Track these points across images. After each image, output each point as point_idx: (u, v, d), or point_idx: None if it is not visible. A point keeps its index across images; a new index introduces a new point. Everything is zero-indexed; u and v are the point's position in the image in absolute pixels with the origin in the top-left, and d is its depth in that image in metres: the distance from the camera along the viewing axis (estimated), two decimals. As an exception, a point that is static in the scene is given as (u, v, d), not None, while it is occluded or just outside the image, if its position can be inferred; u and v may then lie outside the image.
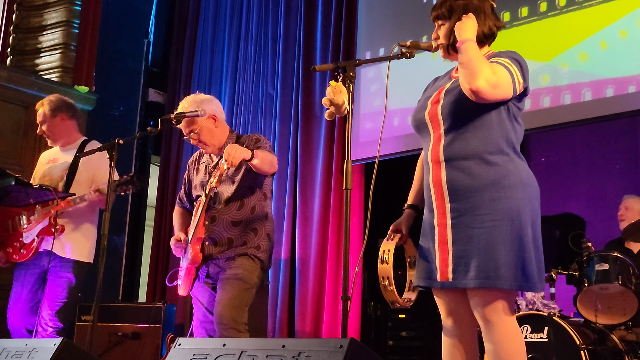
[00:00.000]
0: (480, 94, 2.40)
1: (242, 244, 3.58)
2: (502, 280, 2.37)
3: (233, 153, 3.31)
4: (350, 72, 2.62)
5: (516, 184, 2.46)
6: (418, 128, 2.69)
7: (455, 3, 2.64)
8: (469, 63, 2.44)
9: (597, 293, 4.18)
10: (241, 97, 6.79)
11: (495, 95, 2.43)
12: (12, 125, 6.00)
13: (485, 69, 2.41)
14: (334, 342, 1.92)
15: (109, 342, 5.41)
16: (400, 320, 6.50)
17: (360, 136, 5.86)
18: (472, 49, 2.48)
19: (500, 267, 2.37)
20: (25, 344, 3.03)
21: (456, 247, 2.46)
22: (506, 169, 2.47)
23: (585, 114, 4.73)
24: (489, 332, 2.44)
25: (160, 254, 6.96)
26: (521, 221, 2.42)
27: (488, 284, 2.39)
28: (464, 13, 2.59)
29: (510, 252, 2.39)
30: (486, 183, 2.45)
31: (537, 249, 2.45)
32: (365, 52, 5.95)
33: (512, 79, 2.46)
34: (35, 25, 6.84)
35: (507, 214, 2.41)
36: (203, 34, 7.37)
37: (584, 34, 4.77)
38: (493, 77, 2.41)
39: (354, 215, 5.62)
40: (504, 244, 2.39)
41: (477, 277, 2.39)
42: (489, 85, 2.39)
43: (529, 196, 2.48)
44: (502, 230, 2.40)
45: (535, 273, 2.42)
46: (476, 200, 2.45)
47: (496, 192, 2.44)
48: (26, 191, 4.06)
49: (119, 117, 7.02)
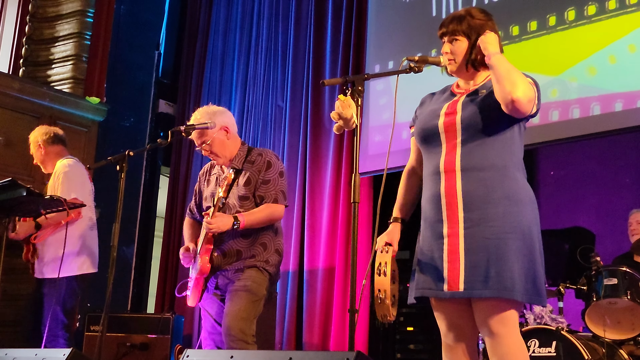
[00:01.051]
0: (517, 104, 2.44)
1: (250, 256, 3.59)
2: (516, 292, 2.39)
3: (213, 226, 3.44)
4: (358, 86, 2.63)
5: (526, 199, 2.51)
6: (426, 139, 2.69)
7: (473, 21, 2.67)
8: (508, 74, 2.47)
9: (606, 307, 4.17)
10: (251, 109, 6.83)
11: (527, 109, 2.48)
12: (24, 136, 5.99)
13: (524, 81, 2.48)
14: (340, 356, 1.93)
15: (117, 353, 5.42)
16: (408, 333, 6.48)
17: (369, 149, 5.88)
18: (506, 60, 2.53)
19: (515, 278, 2.39)
20: (35, 353, 3.05)
21: (468, 257, 2.46)
22: (518, 185, 2.52)
23: (594, 128, 4.73)
24: (495, 346, 2.44)
25: (169, 265, 6.98)
26: (532, 236, 2.47)
27: (504, 294, 2.39)
28: (481, 32, 2.62)
29: (524, 265, 2.42)
30: (501, 196, 2.48)
31: (543, 266, 2.49)
32: (374, 66, 5.98)
33: (535, 98, 2.52)
34: (47, 36, 6.90)
35: (520, 228, 2.45)
36: (213, 46, 7.41)
37: (592, 48, 4.78)
38: (528, 91, 2.47)
39: (362, 228, 5.62)
40: (517, 257, 2.42)
41: (494, 287, 2.40)
42: (526, 98, 2.45)
43: (536, 213, 2.53)
44: (516, 243, 2.43)
45: (543, 287, 2.45)
46: (491, 211, 2.47)
47: (509, 206, 2.47)
48: (37, 202, 4.08)
49: (129, 128, 7.06)
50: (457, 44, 2.69)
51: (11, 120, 5.98)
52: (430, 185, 2.66)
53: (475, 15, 2.68)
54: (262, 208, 3.58)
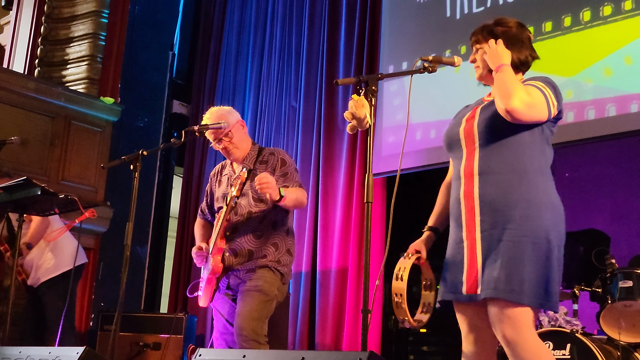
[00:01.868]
0: (514, 114, 2.45)
1: (262, 256, 3.59)
2: (524, 295, 2.38)
3: (266, 182, 3.34)
4: (372, 86, 2.63)
5: (546, 204, 2.49)
6: (450, 145, 2.73)
7: (495, 29, 2.71)
8: (503, 84, 2.50)
9: (621, 310, 4.13)
10: (264, 110, 6.83)
11: (530, 116, 2.48)
12: (39, 136, 6.08)
13: (520, 90, 2.48)
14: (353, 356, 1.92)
15: (130, 352, 5.44)
16: (422, 334, 6.47)
17: (382, 150, 5.86)
18: (507, 72, 2.55)
19: (524, 282, 2.39)
20: (48, 352, 3.07)
21: (485, 260, 2.48)
22: (537, 189, 2.51)
23: (610, 129, 4.70)
24: (511, 354, 2.43)
25: (183, 265, 6.99)
26: (549, 240, 2.45)
27: (511, 298, 2.39)
28: (506, 40, 2.65)
29: (536, 270, 2.41)
30: (517, 199, 2.48)
31: (560, 271, 2.47)
32: (388, 66, 5.96)
33: (547, 102, 2.51)
34: (62, 37, 6.94)
35: (536, 232, 2.44)
36: (227, 47, 7.43)
37: (608, 49, 4.74)
38: (527, 97, 2.47)
39: (375, 229, 5.61)
40: (530, 261, 2.41)
41: (502, 289, 2.40)
42: (524, 105, 2.45)
43: (557, 218, 2.51)
44: (530, 247, 2.42)
45: (557, 293, 2.44)
46: (506, 214, 2.48)
47: (526, 210, 2.47)
48: (51, 200, 4.11)
49: (143, 128, 7.09)
50: (480, 52, 2.72)
51: (26, 120, 6.02)
52: (453, 190, 2.70)
53: (501, 23, 2.72)
54: (295, 189, 3.57)
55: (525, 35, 2.71)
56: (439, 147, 5.54)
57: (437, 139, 5.54)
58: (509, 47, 2.64)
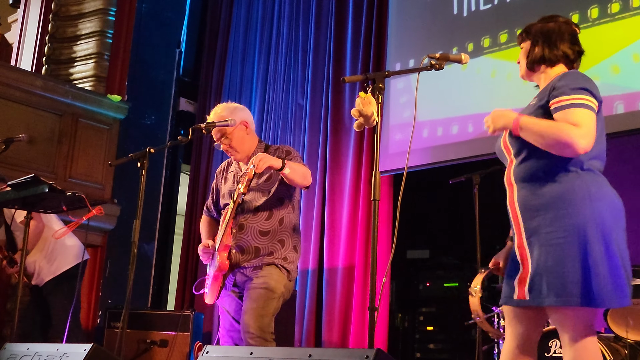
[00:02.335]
0: (580, 150, 2.42)
1: (269, 253, 3.59)
2: (568, 297, 2.38)
3: (260, 157, 3.34)
4: (379, 84, 2.63)
5: (583, 199, 2.46)
6: (500, 156, 2.76)
7: (533, 26, 2.77)
8: (542, 137, 2.47)
9: (629, 308, 4.12)
10: (271, 107, 6.83)
11: (590, 139, 2.44)
12: (47, 133, 6.09)
13: (562, 128, 2.43)
14: (360, 353, 1.92)
15: (137, 349, 5.45)
16: (428, 332, 6.47)
17: (389, 147, 5.86)
18: (527, 124, 2.52)
19: (567, 284, 2.39)
20: (56, 348, 3.08)
21: (532, 265, 2.50)
22: (571, 185, 2.48)
23: (618, 126, 4.68)
24: (564, 354, 2.47)
25: (190, 262, 7.00)
26: (586, 237, 2.41)
27: (558, 302, 2.40)
28: (540, 35, 2.70)
29: (575, 269, 2.39)
30: (550, 201, 2.49)
31: (611, 264, 2.41)
32: (395, 64, 5.96)
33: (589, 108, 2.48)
34: (70, 35, 6.96)
35: (573, 231, 2.42)
36: (234, 44, 7.43)
37: (616, 46, 4.72)
38: (578, 130, 2.42)
39: (382, 226, 5.61)
40: (570, 261, 2.40)
41: (548, 295, 2.42)
42: (580, 137, 2.40)
43: (599, 210, 2.45)
44: (568, 247, 2.42)
45: (607, 288, 2.38)
46: (542, 218, 2.49)
47: (562, 209, 2.46)
48: (59, 198, 4.12)
49: (150, 126, 7.10)
50: (521, 51, 2.78)
51: (34, 118, 6.03)
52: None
53: (541, 20, 2.79)
54: (298, 163, 3.56)
55: (566, 29, 2.72)
56: (446, 144, 5.56)
57: (444, 136, 5.53)
58: (541, 42, 2.68)
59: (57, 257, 4.81)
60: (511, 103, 5.21)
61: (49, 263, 4.79)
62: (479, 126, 5.36)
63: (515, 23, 5.26)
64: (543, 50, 2.68)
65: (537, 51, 2.69)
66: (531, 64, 2.71)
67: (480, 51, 5.46)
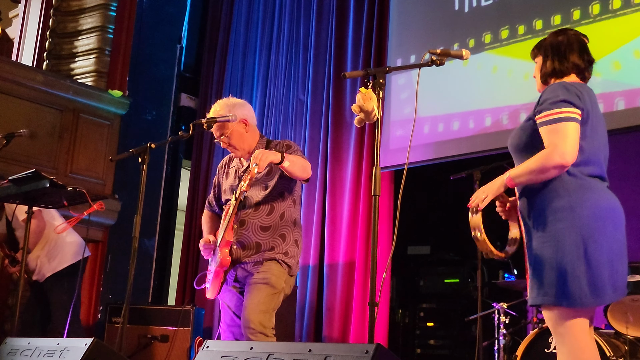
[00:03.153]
0: (566, 164, 2.56)
1: (270, 248, 3.59)
2: (545, 297, 2.55)
3: (260, 156, 3.33)
4: (380, 79, 2.64)
5: (563, 207, 2.59)
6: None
7: (544, 41, 2.88)
8: (532, 173, 2.62)
9: (629, 305, 4.13)
10: (272, 103, 6.83)
11: (572, 151, 2.56)
12: (48, 128, 6.09)
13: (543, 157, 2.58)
14: (360, 348, 1.93)
15: (138, 344, 5.46)
16: (429, 328, 6.47)
17: (390, 143, 5.86)
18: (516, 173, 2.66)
19: (544, 285, 2.55)
20: (57, 343, 3.08)
21: (530, 269, 2.66)
22: (555, 193, 2.61)
23: (618, 123, 4.68)
24: (559, 352, 2.61)
25: (190, 258, 7.01)
26: (565, 241, 2.55)
27: (536, 301, 2.59)
28: (550, 49, 2.82)
29: (553, 271, 2.54)
30: (537, 208, 2.65)
31: (590, 266, 2.52)
32: (396, 59, 5.95)
33: (570, 119, 2.59)
34: (71, 30, 6.96)
35: (553, 235, 2.57)
36: (235, 40, 7.43)
37: (617, 42, 4.72)
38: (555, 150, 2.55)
39: (383, 222, 5.61)
40: (548, 263, 2.56)
41: (533, 295, 2.61)
42: (560, 155, 2.54)
43: (579, 216, 2.57)
44: (547, 250, 2.57)
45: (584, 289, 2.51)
46: (532, 223, 2.66)
47: (545, 216, 2.61)
48: (60, 193, 4.13)
49: (151, 121, 7.10)
50: (535, 66, 2.90)
51: (35, 113, 6.04)
52: None
53: (552, 34, 2.89)
54: (297, 156, 3.56)
55: (575, 40, 2.83)
56: (447, 140, 5.56)
57: (444, 132, 5.53)
58: (551, 56, 2.80)
59: (58, 254, 4.81)
60: (512, 99, 5.22)
61: (50, 259, 4.80)
62: (479, 122, 5.36)
63: (517, 19, 5.26)
64: (554, 63, 2.79)
65: (549, 65, 2.81)
66: (544, 78, 2.82)
67: (482, 47, 5.46)
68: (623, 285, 2.60)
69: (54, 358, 3.00)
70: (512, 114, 5.19)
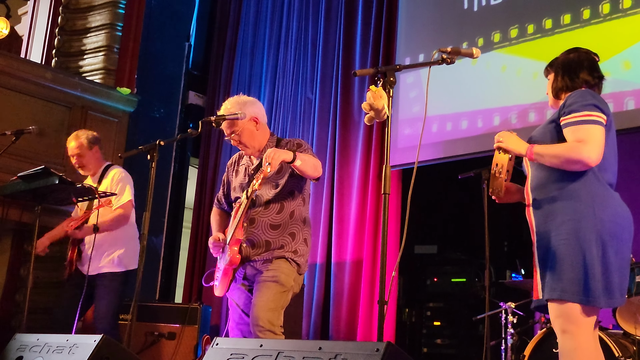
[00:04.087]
0: (590, 163, 2.67)
1: (279, 247, 3.59)
2: (563, 292, 2.62)
3: (272, 155, 3.32)
4: (390, 77, 2.63)
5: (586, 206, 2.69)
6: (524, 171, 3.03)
7: (557, 59, 3.02)
8: (556, 158, 2.72)
9: (638, 305, 4.11)
10: (280, 101, 6.83)
11: (599, 152, 2.68)
12: (56, 125, 6.10)
13: (571, 147, 2.68)
14: (370, 346, 1.92)
15: (145, 341, 5.47)
16: (435, 327, 6.46)
17: (398, 142, 5.85)
18: (541, 150, 2.77)
19: (563, 280, 2.63)
20: (66, 339, 3.09)
21: (541, 267, 2.74)
22: (578, 194, 2.71)
23: (628, 122, 4.67)
24: (561, 346, 2.66)
25: (197, 255, 7.02)
26: (585, 240, 2.64)
27: (553, 295, 2.64)
28: (561, 67, 2.95)
29: (574, 268, 2.61)
30: (558, 207, 2.73)
31: (605, 268, 2.62)
32: (404, 58, 5.94)
33: (598, 123, 2.70)
34: (79, 27, 6.97)
35: (574, 234, 2.65)
36: (243, 38, 7.43)
37: (627, 42, 4.70)
38: (584, 145, 2.66)
39: (390, 220, 5.60)
40: (568, 260, 2.63)
41: (547, 290, 2.68)
42: (588, 152, 2.65)
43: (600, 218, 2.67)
44: (568, 248, 2.65)
45: (599, 290, 2.60)
46: (551, 222, 2.73)
47: (567, 215, 2.69)
48: (69, 190, 4.14)
49: (159, 119, 7.11)
50: (548, 83, 3.03)
51: (44, 110, 6.04)
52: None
53: (564, 52, 3.01)
54: (309, 155, 3.56)
55: (585, 58, 2.94)
56: (455, 139, 5.54)
57: (453, 131, 5.52)
58: (562, 73, 2.92)
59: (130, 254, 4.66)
60: (521, 98, 5.20)
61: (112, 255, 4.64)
62: (488, 121, 5.35)
63: (526, 18, 5.24)
64: (564, 79, 2.91)
65: (560, 81, 2.93)
66: (556, 92, 2.94)
67: (491, 46, 5.44)
68: (625, 291, 2.71)
69: (63, 354, 3.00)
70: (521, 113, 5.18)
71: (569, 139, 2.70)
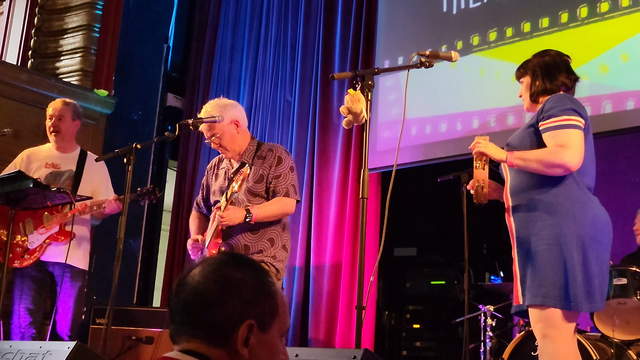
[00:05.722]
0: (571, 168, 2.67)
1: (258, 251, 3.57)
2: (545, 298, 2.61)
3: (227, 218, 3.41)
4: (368, 81, 2.63)
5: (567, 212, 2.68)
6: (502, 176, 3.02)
7: (530, 62, 3.00)
8: (537, 163, 2.71)
9: (615, 308, 4.13)
10: (259, 103, 6.80)
11: (579, 157, 2.68)
12: (32, 128, 6.03)
13: (551, 152, 2.68)
14: (347, 353, 1.91)
15: (122, 346, 5.41)
16: (415, 330, 6.47)
17: (377, 145, 5.85)
18: (522, 156, 2.76)
19: (544, 286, 2.62)
20: (39, 346, 3.04)
21: (521, 272, 2.74)
22: (558, 199, 2.70)
23: (605, 126, 4.69)
24: (539, 352, 2.67)
25: (176, 259, 6.97)
26: (567, 246, 2.63)
27: (534, 301, 2.64)
28: (539, 70, 2.92)
29: (555, 273, 2.61)
30: (538, 212, 2.72)
31: (586, 273, 2.61)
32: (384, 61, 5.94)
33: (577, 127, 2.71)
34: (56, 28, 6.89)
35: (555, 239, 2.64)
36: (222, 40, 7.39)
37: (605, 45, 4.73)
38: (564, 150, 2.66)
39: (370, 224, 5.59)
40: (550, 266, 2.62)
41: (528, 296, 2.68)
42: (569, 157, 2.65)
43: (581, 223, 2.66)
44: (549, 253, 2.64)
45: (581, 294, 2.60)
46: (532, 227, 2.72)
47: (547, 220, 2.68)
48: (44, 194, 4.08)
49: (137, 121, 7.05)
50: (522, 85, 3.01)
51: (19, 112, 5.97)
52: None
53: (537, 55, 3.00)
54: (274, 201, 3.56)
55: (561, 61, 2.94)
56: (434, 142, 5.55)
57: (432, 134, 5.52)
58: (541, 76, 2.90)
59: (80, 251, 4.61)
60: (500, 101, 5.21)
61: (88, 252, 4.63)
62: (467, 124, 5.36)
63: (505, 21, 5.26)
64: (544, 83, 2.89)
65: (539, 84, 2.91)
66: (535, 96, 2.92)
67: (469, 49, 5.45)
68: (605, 295, 2.72)
69: (36, 361, 2.95)
70: (500, 116, 5.19)
71: (549, 144, 2.70)
